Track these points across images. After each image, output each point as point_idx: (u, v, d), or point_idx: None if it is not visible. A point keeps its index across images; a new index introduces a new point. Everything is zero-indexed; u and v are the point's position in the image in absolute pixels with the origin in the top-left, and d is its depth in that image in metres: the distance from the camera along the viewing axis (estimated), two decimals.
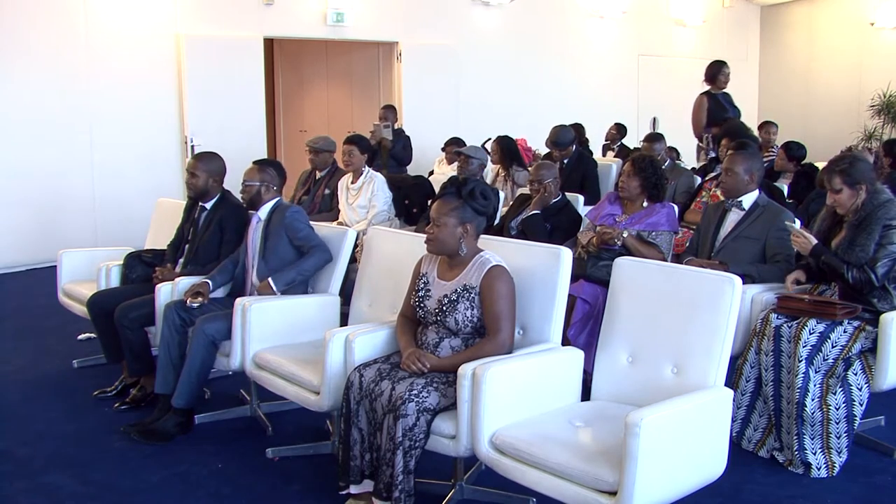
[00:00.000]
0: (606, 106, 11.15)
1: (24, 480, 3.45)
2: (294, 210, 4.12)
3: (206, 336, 3.78)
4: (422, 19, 9.99)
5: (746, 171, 4.09)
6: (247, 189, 4.15)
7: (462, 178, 3.22)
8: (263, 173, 4.16)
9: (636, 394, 2.95)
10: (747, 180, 4.09)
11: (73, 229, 7.91)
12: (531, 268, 3.15)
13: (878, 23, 11.84)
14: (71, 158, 8.01)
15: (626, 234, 4.13)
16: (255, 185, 4.13)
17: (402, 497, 2.82)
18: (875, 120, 11.57)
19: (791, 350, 3.42)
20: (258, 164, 4.24)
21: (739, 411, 3.63)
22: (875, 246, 3.48)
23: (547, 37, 11.15)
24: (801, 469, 3.43)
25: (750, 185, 4.11)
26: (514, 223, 4.81)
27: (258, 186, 4.13)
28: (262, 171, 4.17)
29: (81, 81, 7.99)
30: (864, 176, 3.56)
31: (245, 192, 4.17)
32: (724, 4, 12.95)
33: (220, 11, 8.69)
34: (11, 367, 4.93)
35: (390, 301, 3.65)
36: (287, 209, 4.10)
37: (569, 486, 2.53)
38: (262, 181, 4.13)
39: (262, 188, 4.13)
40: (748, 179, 4.09)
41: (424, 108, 9.91)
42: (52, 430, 3.97)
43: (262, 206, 4.14)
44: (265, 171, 4.17)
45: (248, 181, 4.16)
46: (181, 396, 3.83)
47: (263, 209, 4.14)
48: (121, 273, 4.58)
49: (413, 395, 2.83)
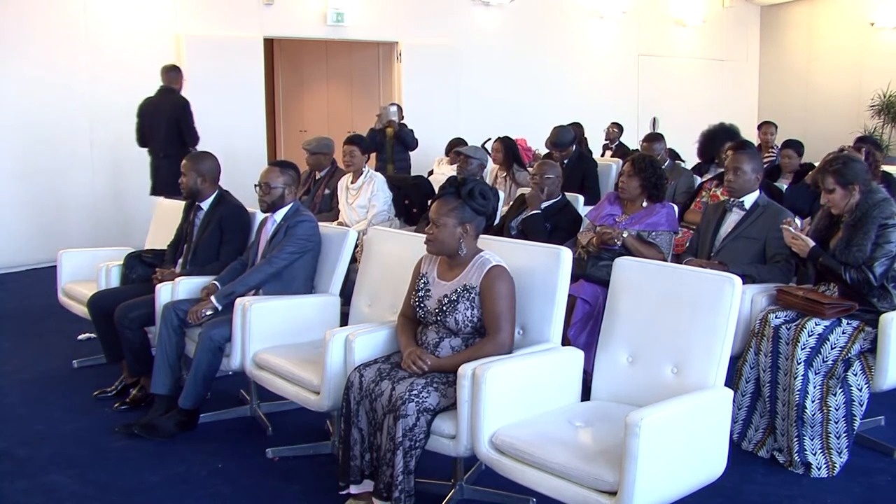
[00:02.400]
0: (606, 106, 11.15)
1: (24, 480, 3.45)
2: (305, 220, 4.01)
3: (213, 342, 3.78)
4: (422, 19, 9.99)
5: (754, 170, 4.08)
6: (271, 192, 4.03)
7: (461, 179, 3.21)
8: (286, 175, 4.06)
9: (636, 394, 2.95)
10: (754, 179, 4.09)
11: (73, 229, 7.92)
12: (531, 268, 3.15)
13: (878, 23, 11.84)
14: (71, 158, 8.01)
15: (626, 235, 4.13)
16: (279, 188, 4.03)
17: (402, 497, 2.82)
18: (875, 120, 11.58)
19: (789, 352, 3.42)
20: (279, 167, 4.11)
21: (740, 412, 3.63)
22: (872, 245, 3.48)
23: (547, 37, 11.15)
24: (802, 469, 3.43)
25: (754, 185, 4.11)
26: (515, 223, 4.81)
27: (282, 189, 4.04)
28: (285, 172, 4.07)
29: (81, 81, 8.00)
30: (857, 176, 3.55)
31: (268, 194, 4.04)
32: (724, 4, 12.95)
33: (220, 11, 8.69)
34: (11, 367, 4.93)
35: (390, 301, 3.65)
36: (300, 219, 4.00)
37: (569, 486, 2.53)
38: (285, 184, 4.05)
39: (285, 191, 4.05)
40: (755, 178, 4.09)
41: (424, 108, 9.90)
42: (52, 430, 3.97)
43: (280, 209, 4.08)
44: (287, 174, 4.07)
45: (273, 184, 4.02)
46: (188, 398, 3.83)
47: (280, 213, 4.08)
48: (121, 273, 4.58)
49: (413, 395, 2.83)
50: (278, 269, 3.93)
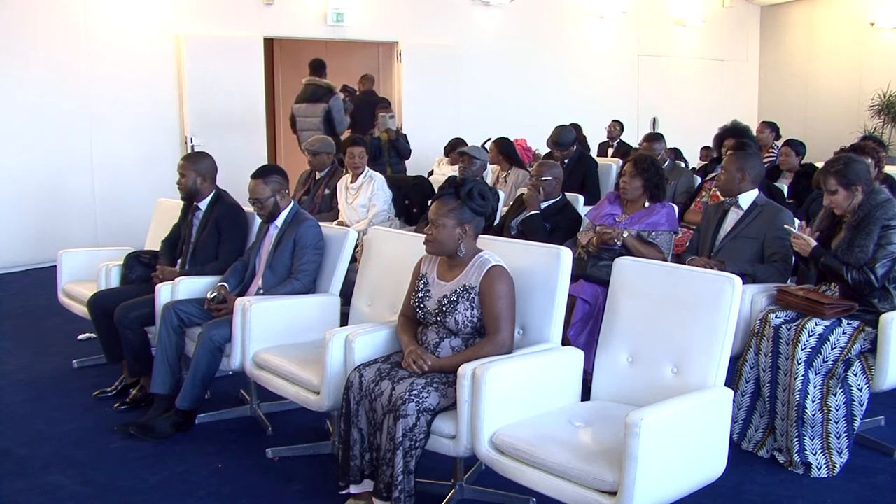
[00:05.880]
0: (606, 106, 11.16)
1: (24, 480, 3.45)
2: (309, 225, 4.00)
3: (213, 342, 3.78)
4: (422, 19, 9.99)
5: (738, 169, 4.12)
6: (264, 205, 4.02)
7: (460, 179, 3.21)
8: (271, 184, 4.03)
9: (636, 394, 2.95)
10: (739, 178, 4.11)
11: (73, 229, 7.93)
12: (531, 268, 3.15)
13: (878, 23, 11.84)
14: (71, 158, 8.01)
15: (626, 234, 4.13)
16: (270, 198, 4.01)
17: (402, 497, 2.82)
18: (875, 120, 11.58)
19: (789, 353, 3.42)
20: (261, 177, 4.04)
21: (740, 412, 3.63)
22: (874, 246, 3.48)
23: (547, 37, 11.15)
24: (802, 469, 3.43)
25: (743, 184, 4.11)
26: (514, 223, 4.81)
27: (273, 198, 4.03)
28: (269, 181, 4.02)
29: (81, 81, 8.00)
30: (859, 176, 3.55)
31: (263, 208, 4.03)
32: (724, 4, 12.95)
33: (220, 11, 8.70)
34: (11, 367, 4.94)
35: (390, 301, 3.65)
36: (302, 223, 3.99)
37: (569, 486, 2.53)
38: (274, 191, 4.03)
39: (276, 198, 4.04)
40: (740, 178, 4.11)
41: (424, 109, 9.92)
42: (52, 430, 3.97)
43: (280, 214, 4.07)
44: (271, 181, 4.03)
45: (262, 197, 4.00)
46: (185, 399, 3.83)
47: (280, 217, 4.08)
48: (121, 273, 4.58)
49: (413, 395, 2.83)
50: (308, 284, 3.96)
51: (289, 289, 3.92)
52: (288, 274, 3.98)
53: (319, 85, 7.87)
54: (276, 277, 3.98)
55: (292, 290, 3.92)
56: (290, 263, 3.99)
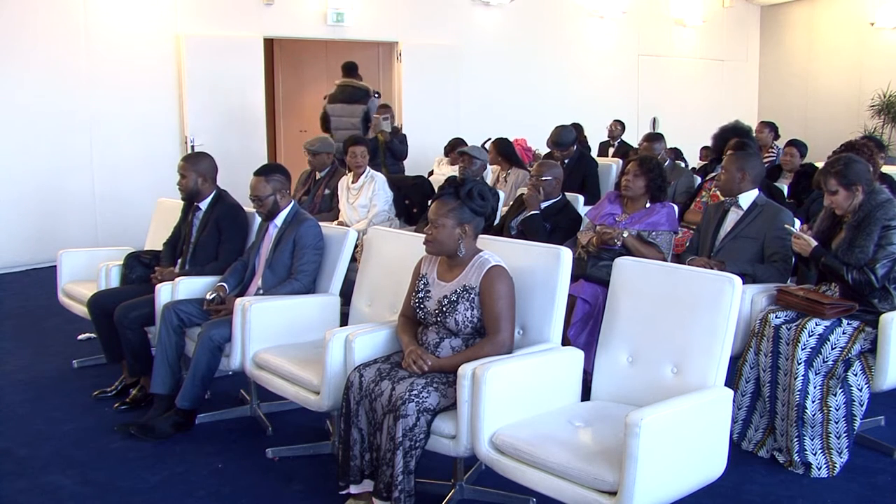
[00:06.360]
0: (606, 106, 11.15)
1: (24, 480, 3.45)
2: (309, 226, 4.00)
3: (213, 342, 3.78)
4: (422, 19, 9.99)
5: (738, 169, 4.12)
6: (263, 203, 4.02)
7: (460, 179, 3.21)
8: (273, 182, 4.03)
9: (636, 394, 2.95)
10: (739, 178, 4.11)
11: (73, 229, 7.92)
12: (531, 268, 3.15)
13: (878, 23, 11.83)
14: (71, 158, 8.01)
15: (626, 234, 4.13)
16: (270, 197, 4.02)
17: (402, 497, 2.82)
18: (875, 120, 11.57)
19: (789, 353, 3.42)
20: (263, 175, 4.05)
21: (740, 412, 3.63)
22: (874, 247, 3.48)
23: (547, 37, 11.15)
24: (802, 469, 3.43)
25: (743, 184, 4.12)
26: (514, 223, 4.81)
27: (273, 197, 4.03)
28: (270, 179, 4.03)
29: (81, 81, 8.00)
30: (859, 177, 3.55)
31: (262, 206, 4.03)
32: (724, 4, 12.95)
33: (220, 11, 8.69)
34: (11, 367, 4.94)
35: (390, 301, 3.65)
36: (303, 223, 3.99)
37: (569, 486, 2.53)
38: (274, 190, 4.03)
39: (276, 197, 4.04)
40: (740, 178, 4.11)
41: (424, 109, 9.91)
42: (52, 430, 3.97)
43: (279, 214, 4.07)
44: (273, 180, 4.03)
45: (263, 195, 4.01)
46: (185, 398, 3.83)
47: (280, 217, 4.07)
48: (121, 273, 4.58)
49: (413, 395, 2.83)
50: (307, 284, 3.96)
51: (289, 289, 3.92)
52: (288, 274, 3.98)
53: (357, 87, 7.89)
54: (275, 277, 3.98)
55: (292, 290, 3.92)
56: (290, 263, 3.99)
